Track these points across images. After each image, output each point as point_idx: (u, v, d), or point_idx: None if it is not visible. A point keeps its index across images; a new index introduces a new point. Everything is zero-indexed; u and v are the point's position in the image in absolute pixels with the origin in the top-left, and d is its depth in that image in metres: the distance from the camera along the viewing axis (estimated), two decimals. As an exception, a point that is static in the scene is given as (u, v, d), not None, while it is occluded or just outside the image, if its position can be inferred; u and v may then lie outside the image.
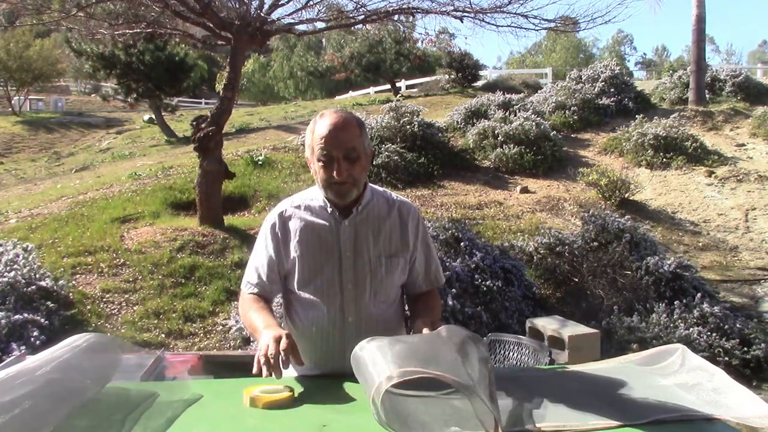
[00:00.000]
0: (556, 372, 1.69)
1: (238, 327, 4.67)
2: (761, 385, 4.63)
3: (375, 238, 1.66)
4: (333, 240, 1.64)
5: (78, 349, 1.33)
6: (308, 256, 1.64)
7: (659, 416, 1.24)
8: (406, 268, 1.72)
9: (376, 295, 1.65)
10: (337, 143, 1.55)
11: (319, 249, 1.64)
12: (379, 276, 1.65)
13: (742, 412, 1.26)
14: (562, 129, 11.30)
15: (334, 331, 1.63)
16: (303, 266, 1.64)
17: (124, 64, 13.90)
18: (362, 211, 1.66)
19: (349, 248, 1.63)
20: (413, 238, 1.70)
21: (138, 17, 6.91)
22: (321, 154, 1.57)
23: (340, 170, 1.55)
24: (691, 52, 14.10)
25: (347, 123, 1.58)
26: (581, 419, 1.23)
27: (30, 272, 4.68)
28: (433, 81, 20.77)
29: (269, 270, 1.69)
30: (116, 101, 18.95)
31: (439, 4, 6.62)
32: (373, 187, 1.73)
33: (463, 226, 5.72)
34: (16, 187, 11.48)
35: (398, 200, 1.74)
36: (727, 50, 61.64)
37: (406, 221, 1.70)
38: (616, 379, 1.48)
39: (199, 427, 1.23)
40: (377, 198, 1.71)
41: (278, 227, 1.67)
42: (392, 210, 1.70)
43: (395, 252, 1.67)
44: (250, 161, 8.83)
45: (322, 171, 1.58)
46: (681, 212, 8.33)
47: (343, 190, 1.60)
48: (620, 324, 4.92)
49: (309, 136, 1.62)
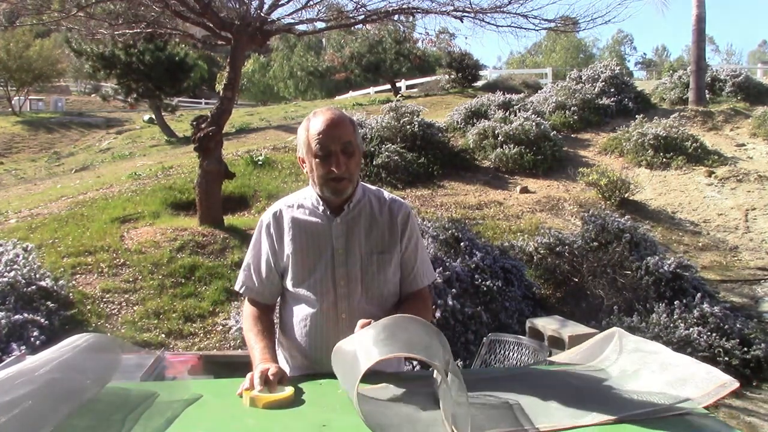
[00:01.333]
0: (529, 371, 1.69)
1: (238, 327, 4.67)
2: (761, 385, 4.63)
3: (366, 235, 1.68)
4: (325, 237, 1.66)
5: (78, 349, 1.33)
6: (301, 254, 1.66)
7: (631, 412, 1.23)
8: (399, 267, 1.73)
9: (368, 292, 1.66)
10: (334, 137, 1.58)
11: (312, 246, 1.66)
12: (370, 273, 1.67)
13: (703, 386, 1.26)
14: (562, 129, 11.30)
15: (328, 327, 1.64)
16: (296, 264, 1.66)
17: (124, 64, 13.91)
18: (354, 208, 1.68)
19: (341, 245, 1.66)
20: (401, 235, 1.72)
21: (138, 17, 6.91)
22: (318, 149, 1.59)
23: (339, 163, 1.57)
24: (691, 52, 14.10)
25: (342, 119, 1.62)
26: (573, 417, 1.22)
27: (30, 272, 4.68)
28: (433, 81, 20.78)
29: (267, 270, 1.71)
30: (116, 101, 18.96)
31: (439, 4, 6.62)
32: (364, 186, 1.75)
33: (463, 226, 5.71)
34: (16, 187, 11.48)
35: (390, 198, 1.76)
36: (727, 50, 61.74)
37: (396, 218, 1.71)
38: (569, 381, 1.47)
39: (199, 427, 1.23)
40: (369, 196, 1.73)
41: (272, 227, 1.70)
42: (383, 208, 1.72)
43: (386, 249, 1.69)
44: (250, 161, 8.83)
45: (320, 167, 1.60)
46: (681, 212, 8.33)
47: (341, 186, 1.62)
48: (620, 324, 4.91)
49: (303, 134, 1.63)
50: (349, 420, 1.23)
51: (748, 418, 4.14)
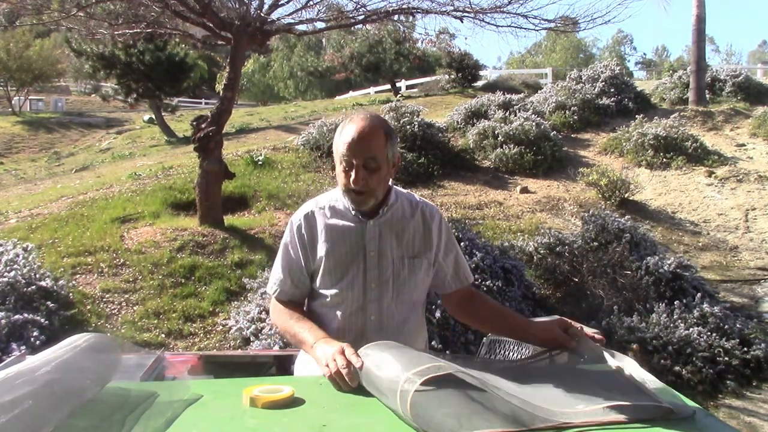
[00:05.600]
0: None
1: (238, 327, 4.67)
2: (761, 385, 4.63)
3: (398, 239, 1.67)
4: (358, 240, 1.65)
5: (78, 349, 1.33)
6: (334, 257, 1.65)
7: (631, 413, 1.22)
8: (429, 271, 1.73)
9: (398, 296, 1.66)
10: (358, 151, 1.55)
11: (346, 249, 1.65)
12: (401, 277, 1.66)
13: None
14: (562, 129, 11.31)
15: (355, 329, 1.64)
16: (329, 266, 1.65)
17: (124, 64, 13.91)
18: (387, 212, 1.67)
19: (374, 248, 1.65)
20: (437, 239, 1.72)
21: (138, 17, 6.91)
22: (342, 159, 1.58)
23: (357, 178, 1.56)
24: (691, 52, 14.11)
25: (373, 131, 1.57)
26: (569, 416, 1.22)
27: (30, 272, 4.68)
28: (433, 81, 20.78)
29: (299, 272, 1.70)
30: (116, 101, 18.98)
31: (439, 4, 6.62)
32: (397, 189, 1.74)
33: (463, 226, 5.72)
34: (16, 187, 11.48)
35: (421, 202, 1.75)
36: (727, 50, 61.74)
37: (430, 223, 1.71)
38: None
39: (199, 427, 1.23)
40: (401, 200, 1.72)
41: (304, 228, 1.69)
42: (415, 212, 1.71)
43: (418, 253, 1.69)
44: (250, 161, 8.83)
45: (343, 176, 1.60)
46: (681, 212, 8.33)
47: (359, 199, 1.61)
48: (620, 324, 4.92)
49: (336, 139, 1.62)
50: (349, 420, 1.23)
51: (748, 418, 4.14)
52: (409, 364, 1.21)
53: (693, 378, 4.49)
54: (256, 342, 4.39)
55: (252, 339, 4.49)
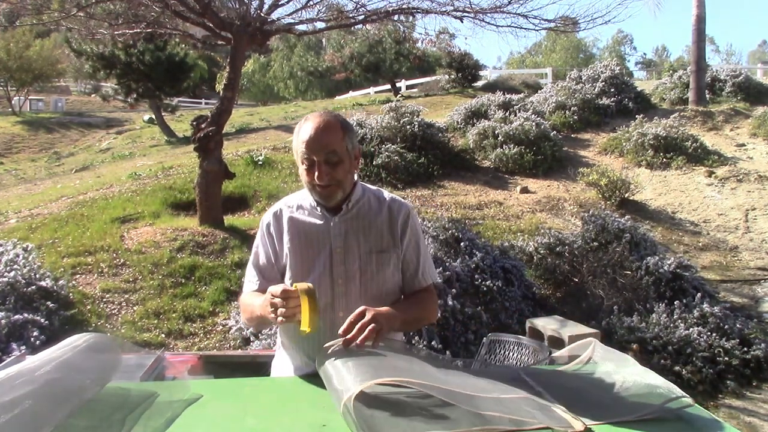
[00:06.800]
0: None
1: (238, 327, 4.67)
2: (761, 385, 4.63)
3: (365, 234, 1.69)
4: (324, 236, 1.68)
5: (78, 349, 1.33)
6: (300, 253, 1.68)
7: (632, 412, 1.22)
8: (399, 266, 1.73)
9: (366, 292, 1.67)
10: (317, 147, 1.58)
11: (311, 245, 1.68)
12: (368, 272, 1.67)
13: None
14: (562, 129, 11.31)
15: (325, 326, 1.64)
16: (295, 262, 1.68)
17: (124, 64, 13.91)
18: (352, 208, 1.69)
19: (340, 244, 1.67)
20: (401, 234, 1.72)
21: (138, 17, 6.91)
22: (303, 157, 1.61)
23: (320, 174, 1.59)
24: (691, 52, 14.10)
25: (328, 126, 1.61)
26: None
27: (30, 272, 4.68)
28: (433, 81, 20.78)
29: (269, 268, 1.73)
30: (116, 101, 18.96)
31: (439, 4, 6.62)
32: (364, 185, 1.76)
33: (463, 226, 5.72)
34: (16, 187, 11.48)
35: (390, 198, 1.77)
36: (727, 50, 61.67)
37: (396, 218, 1.72)
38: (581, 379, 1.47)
39: (199, 427, 1.23)
40: (368, 195, 1.74)
41: (272, 226, 1.73)
42: (383, 207, 1.73)
43: (385, 248, 1.70)
44: (250, 161, 8.83)
45: (306, 174, 1.63)
46: (681, 212, 8.33)
47: (327, 192, 1.63)
48: (620, 324, 4.92)
49: (294, 140, 1.66)
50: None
51: (748, 418, 4.14)
52: (353, 377, 1.23)
53: (693, 378, 4.49)
54: (256, 342, 4.39)
55: (252, 339, 4.49)
